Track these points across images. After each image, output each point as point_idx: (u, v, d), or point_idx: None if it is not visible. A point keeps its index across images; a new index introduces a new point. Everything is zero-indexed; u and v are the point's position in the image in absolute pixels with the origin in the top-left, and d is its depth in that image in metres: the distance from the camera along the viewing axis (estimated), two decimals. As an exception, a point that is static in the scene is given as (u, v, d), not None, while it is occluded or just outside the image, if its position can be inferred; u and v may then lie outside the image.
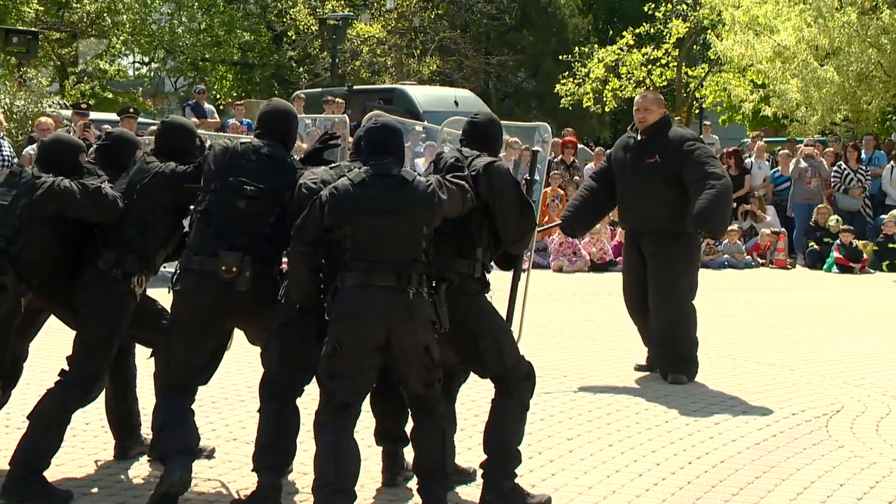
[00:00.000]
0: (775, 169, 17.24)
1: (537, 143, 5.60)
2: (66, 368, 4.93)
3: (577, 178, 16.62)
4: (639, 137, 7.38)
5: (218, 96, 33.68)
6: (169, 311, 4.97)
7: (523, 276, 5.20)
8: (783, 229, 16.19)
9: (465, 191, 4.65)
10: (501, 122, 5.31)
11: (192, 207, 4.91)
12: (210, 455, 5.43)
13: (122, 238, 4.97)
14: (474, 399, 6.19)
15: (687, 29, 28.98)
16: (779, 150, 17.65)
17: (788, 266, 15.59)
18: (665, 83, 30.18)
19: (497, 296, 4.99)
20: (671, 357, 7.45)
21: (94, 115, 15.16)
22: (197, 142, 5.26)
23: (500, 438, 4.81)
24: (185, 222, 5.12)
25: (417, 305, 4.42)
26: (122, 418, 5.41)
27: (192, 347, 4.81)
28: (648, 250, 7.52)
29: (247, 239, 4.70)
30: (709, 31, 27.08)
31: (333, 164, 4.92)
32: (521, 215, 4.85)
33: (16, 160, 12.33)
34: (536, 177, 5.21)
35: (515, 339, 5.06)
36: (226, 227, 4.72)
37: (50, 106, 15.94)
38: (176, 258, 5.04)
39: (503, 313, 5.06)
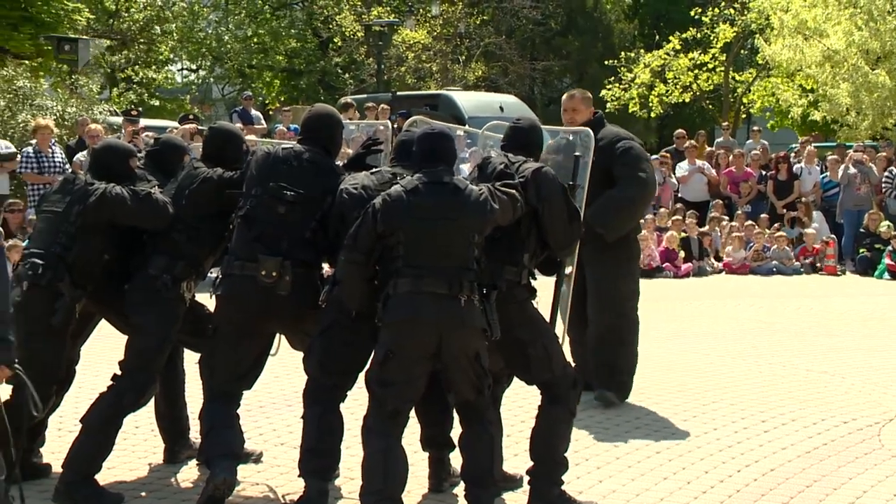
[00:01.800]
0: (824, 174, 17.05)
1: (578, 149, 5.57)
2: (119, 373, 4.99)
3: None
4: (570, 138, 6.90)
5: (267, 101, 33.94)
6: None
7: (566, 281, 5.17)
8: (833, 236, 16.00)
9: (515, 199, 4.65)
10: (543, 126, 5.31)
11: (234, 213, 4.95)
12: (258, 459, 5.47)
13: (172, 243, 5.02)
14: (521, 405, 6.19)
15: (734, 33, 28.76)
16: (828, 156, 17.44)
17: (838, 273, 15.40)
18: (712, 88, 29.97)
19: (540, 302, 4.98)
20: (606, 369, 6.83)
21: (142, 121, 15.31)
22: (244, 147, 5.29)
23: (547, 445, 4.80)
24: None
25: (469, 313, 4.42)
26: (172, 422, 5.47)
27: (235, 353, 4.85)
28: (585, 256, 6.48)
29: (287, 244, 4.73)
30: (756, 35, 26.86)
31: (374, 170, 4.94)
32: (569, 221, 4.84)
33: (68, 166, 12.51)
34: (579, 182, 5.19)
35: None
36: (266, 231, 4.75)
37: (100, 113, 16.14)
38: (220, 263, 5.08)
39: (547, 319, 5.05)
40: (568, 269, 5.27)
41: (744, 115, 32.38)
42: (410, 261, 4.43)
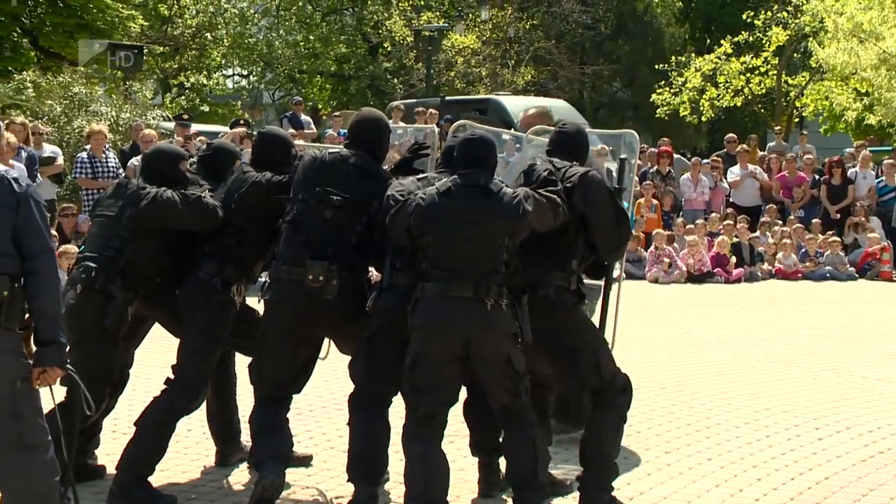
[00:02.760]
0: (880, 179, 16.80)
1: (623, 151, 5.52)
2: (171, 377, 5.04)
3: (671, 188, 16.44)
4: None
5: (317, 106, 34.13)
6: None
7: (614, 285, 5.14)
8: (888, 241, 15.76)
9: (556, 204, 4.61)
10: (589, 130, 5.28)
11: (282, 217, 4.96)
12: (308, 463, 5.49)
13: (222, 247, 5.06)
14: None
15: (787, 37, 28.44)
16: (884, 160, 17.18)
17: (894, 278, 15.17)
18: (764, 92, 29.67)
19: (589, 308, 4.96)
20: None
21: (194, 126, 15.47)
22: (293, 152, 5.31)
23: (597, 451, 4.76)
24: None
25: (496, 317, 4.40)
26: (223, 426, 5.50)
27: (283, 358, 4.87)
28: None
29: (333, 248, 4.74)
30: (810, 38, 26.54)
31: (421, 176, 4.94)
32: (616, 225, 4.81)
33: (122, 171, 12.66)
34: (625, 185, 5.16)
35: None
36: (313, 236, 4.76)
37: (153, 118, 16.33)
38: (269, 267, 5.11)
39: (596, 324, 5.02)
40: (616, 272, 5.24)
41: (796, 119, 32.01)
42: (438, 263, 4.43)
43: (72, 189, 14.06)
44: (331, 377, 6.77)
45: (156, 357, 6.29)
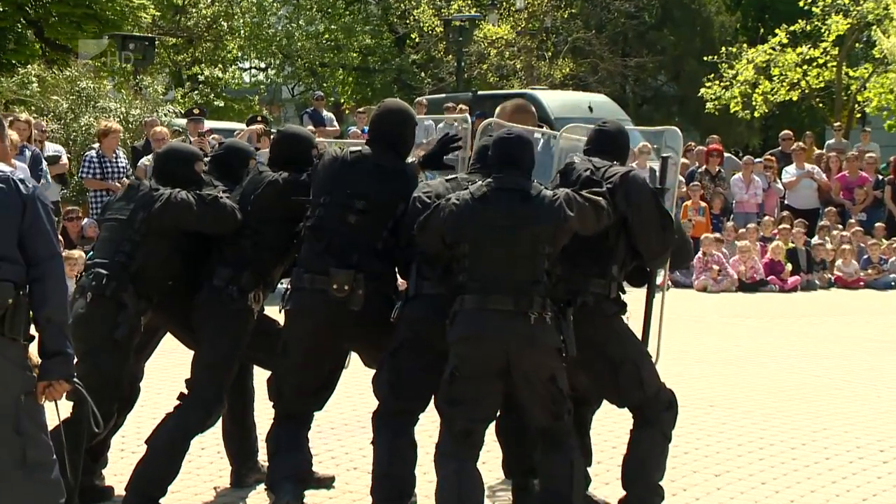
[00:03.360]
0: (949, 179, 16.67)
1: (666, 150, 5.52)
2: (185, 392, 5.06)
3: (721, 189, 16.37)
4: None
5: (340, 102, 34.24)
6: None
7: (658, 293, 5.13)
8: (957, 246, 15.63)
9: (599, 207, 4.60)
10: (630, 127, 5.28)
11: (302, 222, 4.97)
12: (329, 485, 5.50)
13: (237, 252, 5.08)
14: (611, 429, 6.14)
15: (848, 25, 28.22)
16: (954, 159, 17.03)
17: (965, 287, 15.04)
18: (822, 85, 29.46)
19: (630, 317, 4.93)
20: None
21: (208, 123, 15.53)
22: (314, 152, 5.33)
23: (640, 472, 4.75)
24: None
25: (539, 330, 4.40)
26: (240, 444, 5.52)
27: (305, 371, 4.89)
28: None
29: (358, 255, 4.75)
30: (873, 27, 26.34)
31: (450, 176, 4.94)
32: (661, 228, 4.80)
33: (131, 171, 12.75)
34: (668, 185, 5.14)
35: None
36: (336, 242, 4.78)
37: (165, 115, 16.43)
38: (289, 275, 5.12)
39: (638, 335, 5.01)
40: (659, 279, 5.22)
41: (858, 115, 31.78)
42: (475, 274, 4.44)
43: (78, 190, 14.18)
44: (354, 392, 6.78)
45: (166, 370, 6.33)
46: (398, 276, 5.00)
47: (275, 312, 5.21)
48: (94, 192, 12.92)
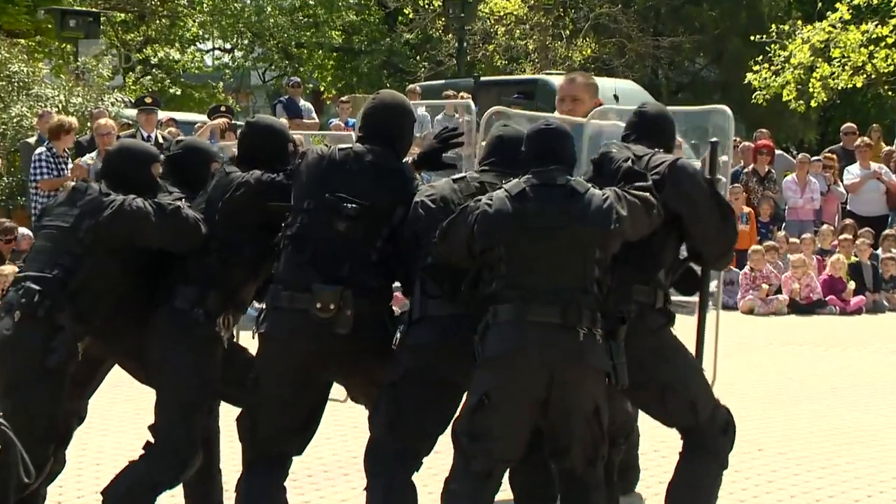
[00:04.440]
0: None
1: (713, 134, 5.53)
2: (151, 440, 5.04)
3: (772, 193, 16.38)
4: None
5: (322, 87, 34.30)
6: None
7: (712, 304, 5.17)
8: None
9: (650, 205, 4.64)
10: (671, 108, 5.33)
11: (281, 231, 4.97)
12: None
13: (202, 269, 5.07)
14: (652, 457, 6.12)
15: (921, -2, 28.31)
16: None
17: None
18: (892, 69, 29.53)
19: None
20: None
21: (163, 114, 15.54)
22: (290, 147, 5.33)
23: (688, 503, 4.77)
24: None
25: (589, 349, 4.41)
26: (203, 495, 5.49)
27: (283, 408, 4.88)
28: None
29: (348, 269, 4.76)
30: (952, 0, 26.39)
31: (457, 176, 4.96)
32: (721, 220, 4.85)
33: (66, 170, 12.71)
34: (720, 175, 5.18)
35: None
36: (322, 253, 4.79)
37: (112, 104, 16.46)
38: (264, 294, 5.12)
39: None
40: (713, 286, 5.24)
41: (933, 105, 31.86)
42: (513, 281, 4.45)
43: (8, 194, 14.18)
44: (334, 434, 6.79)
45: (112, 406, 6.32)
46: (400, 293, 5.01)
47: (247, 338, 5.20)
48: (35, 193, 12.85)
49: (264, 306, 4.96)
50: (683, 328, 5.02)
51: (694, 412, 4.79)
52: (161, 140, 13.39)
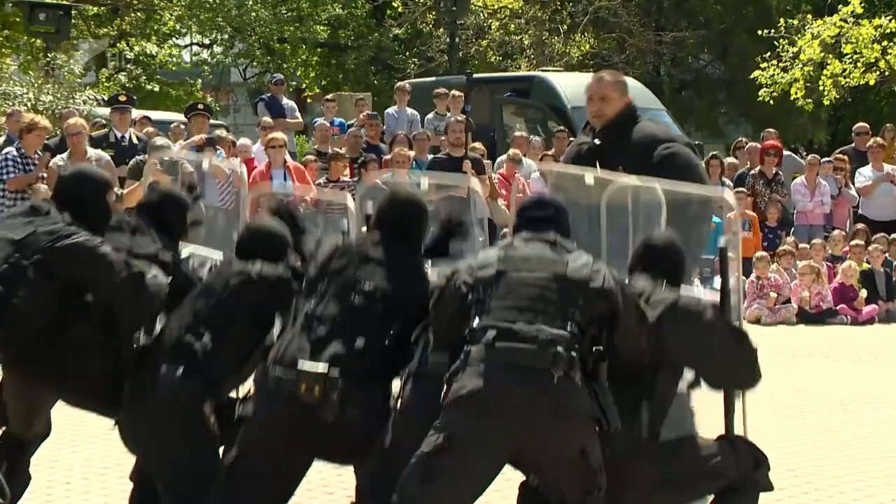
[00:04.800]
0: None
1: (718, 231, 5.59)
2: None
3: (779, 196, 16.37)
4: (595, 141, 6.48)
5: (303, 86, 34.28)
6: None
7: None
8: None
9: (645, 320, 4.76)
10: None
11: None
12: None
13: (183, 350, 5.02)
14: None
15: (938, -9, 28.39)
16: None
17: None
18: (907, 66, 29.59)
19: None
20: None
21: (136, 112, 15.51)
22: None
23: None
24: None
25: (568, 395, 4.42)
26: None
27: (258, 495, 4.85)
28: None
29: (344, 346, 4.76)
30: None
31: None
32: (738, 344, 5.10)
33: (32, 169, 12.68)
34: (729, 287, 5.24)
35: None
36: (322, 327, 4.80)
37: (84, 102, 16.44)
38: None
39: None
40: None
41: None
42: (487, 321, 4.49)
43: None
44: (316, 483, 6.75)
45: (81, 425, 6.29)
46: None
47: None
48: (5, 196, 12.81)
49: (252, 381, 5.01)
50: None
51: (720, 477, 5.02)
52: (136, 140, 13.40)
